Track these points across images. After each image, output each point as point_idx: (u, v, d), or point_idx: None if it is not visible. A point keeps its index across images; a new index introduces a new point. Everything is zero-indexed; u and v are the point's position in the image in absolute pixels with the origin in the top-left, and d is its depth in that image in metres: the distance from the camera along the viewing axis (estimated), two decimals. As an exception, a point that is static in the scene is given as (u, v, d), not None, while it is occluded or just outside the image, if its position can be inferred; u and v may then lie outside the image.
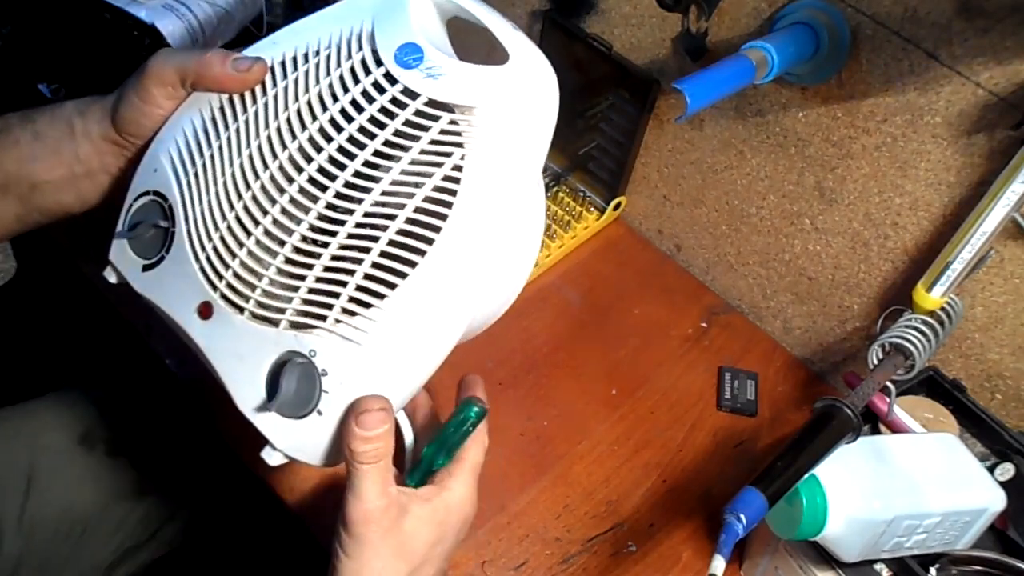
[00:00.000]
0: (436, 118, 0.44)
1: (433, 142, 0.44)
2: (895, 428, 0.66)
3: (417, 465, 0.48)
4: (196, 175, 0.47)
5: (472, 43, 0.47)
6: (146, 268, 0.48)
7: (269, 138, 0.46)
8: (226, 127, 0.47)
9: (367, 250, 0.43)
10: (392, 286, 0.43)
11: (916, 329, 0.61)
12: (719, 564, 0.44)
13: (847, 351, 0.82)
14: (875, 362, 0.62)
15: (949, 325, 0.64)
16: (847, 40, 0.66)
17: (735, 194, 0.82)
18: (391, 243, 0.43)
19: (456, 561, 0.67)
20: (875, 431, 0.67)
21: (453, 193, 0.43)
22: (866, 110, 0.68)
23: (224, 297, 0.45)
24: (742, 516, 0.46)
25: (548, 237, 0.89)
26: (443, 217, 0.43)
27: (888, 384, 0.59)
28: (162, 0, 0.81)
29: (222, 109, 0.47)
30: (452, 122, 0.44)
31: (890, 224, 0.72)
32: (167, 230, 0.48)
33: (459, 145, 0.44)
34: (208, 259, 0.46)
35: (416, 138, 0.44)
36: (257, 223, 0.45)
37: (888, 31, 0.64)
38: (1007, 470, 0.64)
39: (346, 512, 0.44)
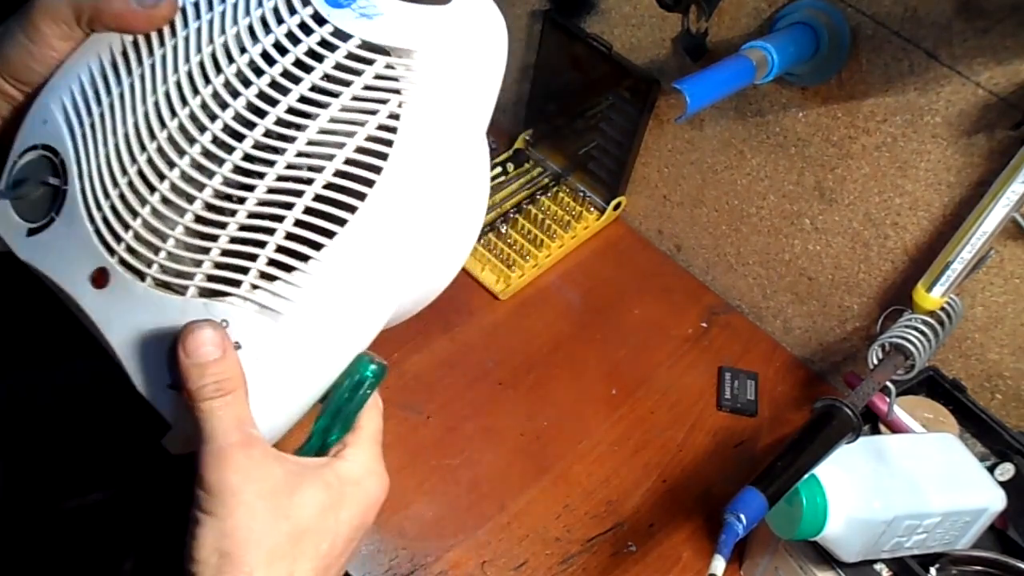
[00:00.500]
0: (370, 61, 0.40)
1: (367, 87, 0.40)
2: (895, 428, 0.66)
3: (307, 441, 0.41)
4: (93, 126, 0.41)
5: None
6: (32, 232, 0.42)
7: (179, 83, 0.40)
8: (129, 72, 0.41)
9: (290, 206, 0.38)
10: (318, 246, 0.38)
11: (916, 329, 0.61)
12: (719, 564, 0.44)
13: (847, 351, 0.82)
14: (875, 362, 0.62)
15: (949, 325, 0.64)
16: (847, 40, 0.66)
17: (735, 194, 0.82)
18: (318, 198, 0.38)
19: (456, 561, 0.67)
20: (875, 431, 0.67)
21: (389, 144, 0.39)
22: (866, 110, 0.68)
23: (123, 262, 0.39)
24: (742, 516, 0.46)
25: (548, 237, 0.89)
26: (377, 170, 0.39)
27: (888, 384, 0.59)
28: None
29: (124, 53, 0.42)
30: (388, 66, 0.40)
31: (890, 224, 0.72)
32: (58, 188, 0.42)
33: (396, 92, 0.40)
34: (105, 219, 0.40)
35: (347, 83, 0.39)
36: (163, 177, 0.39)
37: (888, 31, 0.64)
38: (1007, 470, 0.64)
39: (199, 465, 0.36)
